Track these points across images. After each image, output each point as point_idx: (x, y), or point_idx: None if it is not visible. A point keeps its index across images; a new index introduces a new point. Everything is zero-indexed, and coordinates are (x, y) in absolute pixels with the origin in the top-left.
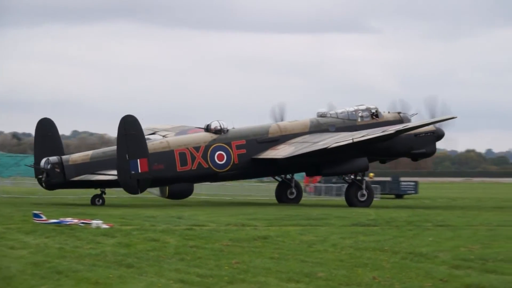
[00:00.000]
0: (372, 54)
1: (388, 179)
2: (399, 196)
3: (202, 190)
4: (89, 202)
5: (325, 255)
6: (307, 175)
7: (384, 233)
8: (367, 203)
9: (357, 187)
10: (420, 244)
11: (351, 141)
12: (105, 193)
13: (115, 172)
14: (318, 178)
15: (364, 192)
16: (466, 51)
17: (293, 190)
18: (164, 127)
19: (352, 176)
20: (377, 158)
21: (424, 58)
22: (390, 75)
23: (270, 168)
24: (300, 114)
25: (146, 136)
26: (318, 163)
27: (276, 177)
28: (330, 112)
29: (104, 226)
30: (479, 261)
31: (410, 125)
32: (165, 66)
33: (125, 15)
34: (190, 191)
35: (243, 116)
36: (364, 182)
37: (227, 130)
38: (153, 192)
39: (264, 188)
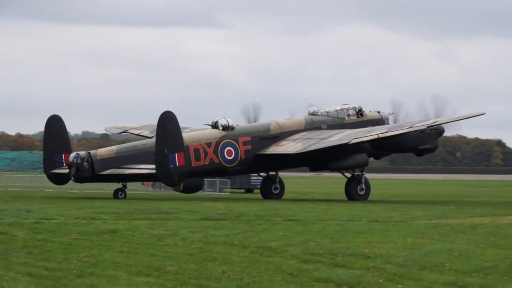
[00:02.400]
0: (223, 49)
1: None
2: (249, 190)
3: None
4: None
5: (174, 249)
6: (311, 170)
7: (234, 227)
8: (365, 197)
9: (357, 181)
10: (270, 238)
11: (376, 136)
12: (126, 187)
13: (140, 166)
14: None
15: (363, 186)
16: (317, 47)
17: (277, 186)
18: (133, 126)
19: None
20: (384, 154)
21: (276, 53)
22: (242, 70)
23: (277, 163)
24: (155, 109)
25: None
26: (325, 158)
27: (261, 174)
28: (321, 111)
29: None
30: (328, 255)
31: (439, 120)
32: (13, 59)
33: None
34: (201, 185)
35: (93, 111)
36: (363, 177)
37: (233, 127)
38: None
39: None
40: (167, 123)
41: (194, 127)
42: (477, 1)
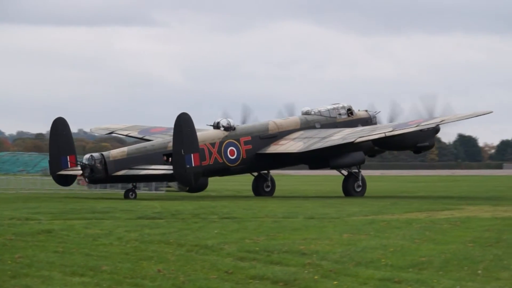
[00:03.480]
0: (157, 47)
1: None
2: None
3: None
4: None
5: (110, 249)
6: (311, 168)
7: (169, 226)
8: (361, 193)
9: (354, 178)
10: (206, 236)
11: (383, 135)
12: (136, 187)
13: (153, 166)
14: None
15: (360, 183)
16: (250, 44)
17: (269, 184)
18: (119, 127)
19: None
20: (380, 152)
21: (210, 51)
22: (176, 68)
23: (278, 161)
24: (89, 108)
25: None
26: (326, 156)
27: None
28: (314, 110)
29: None
30: (264, 252)
31: (446, 119)
32: None
33: None
34: (206, 185)
35: (27, 111)
36: (360, 174)
37: (235, 127)
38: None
39: (49, 182)
40: (184, 125)
41: None
42: None
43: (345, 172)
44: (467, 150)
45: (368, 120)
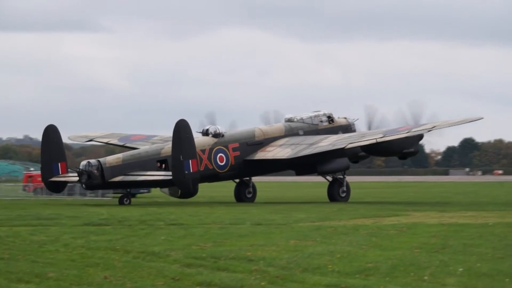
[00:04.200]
0: (103, 53)
1: None
2: (132, 195)
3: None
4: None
5: (56, 255)
6: (298, 174)
7: (116, 233)
8: (346, 199)
9: (339, 184)
10: (152, 243)
11: (374, 141)
12: (130, 193)
13: (149, 172)
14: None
15: (345, 189)
16: (197, 50)
17: (251, 190)
18: (98, 135)
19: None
20: (364, 158)
21: (157, 56)
22: (123, 74)
23: (266, 167)
24: (36, 114)
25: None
26: (313, 162)
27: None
28: (296, 118)
29: None
30: (211, 259)
31: (438, 125)
32: None
33: None
34: (196, 191)
35: None
36: (345, 180)
37: (223, 134)
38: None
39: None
40: (182, 131)
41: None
42: (354, 3)
43: (330, 178)
44: (413, 156)
45: (348, 127)
